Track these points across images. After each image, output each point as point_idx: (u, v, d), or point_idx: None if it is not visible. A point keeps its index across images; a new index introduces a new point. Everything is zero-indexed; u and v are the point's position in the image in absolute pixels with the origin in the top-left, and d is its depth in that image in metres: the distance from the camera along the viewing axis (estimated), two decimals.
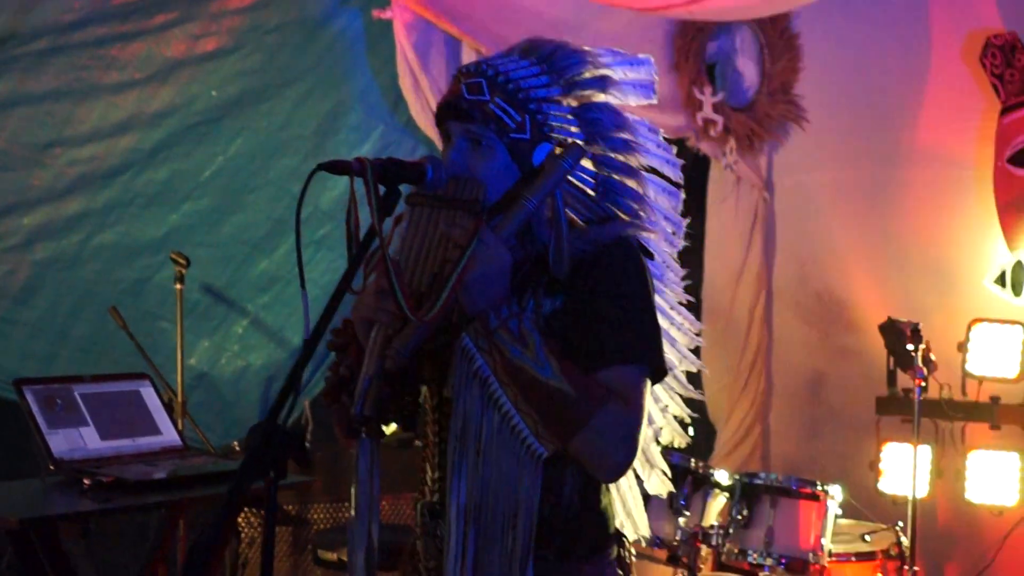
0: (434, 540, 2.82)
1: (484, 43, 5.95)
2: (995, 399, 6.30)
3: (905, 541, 5.68)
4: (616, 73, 2.87)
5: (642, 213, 2.86)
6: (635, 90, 2.91)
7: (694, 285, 3.10)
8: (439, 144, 2.91)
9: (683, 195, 3.00)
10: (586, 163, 2.82)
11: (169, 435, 5.03)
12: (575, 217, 2.78)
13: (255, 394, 6.61)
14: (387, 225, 2.60)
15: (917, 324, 5.68)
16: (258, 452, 2.38)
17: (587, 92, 2.84)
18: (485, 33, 5.96)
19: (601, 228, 2.77)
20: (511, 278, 2.65)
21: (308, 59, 6.19)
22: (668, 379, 2.96)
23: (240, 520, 6.11)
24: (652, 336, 2.75)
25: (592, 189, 2.83)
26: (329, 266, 6.40)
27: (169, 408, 5.31)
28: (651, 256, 2.86)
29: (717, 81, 7.29)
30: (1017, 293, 6.32)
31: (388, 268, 2.51)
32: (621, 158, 2.85)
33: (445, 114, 2.80)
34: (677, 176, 2.99)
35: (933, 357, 5.85)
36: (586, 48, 2.86)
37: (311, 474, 6.10)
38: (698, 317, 3.11)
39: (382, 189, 2.57)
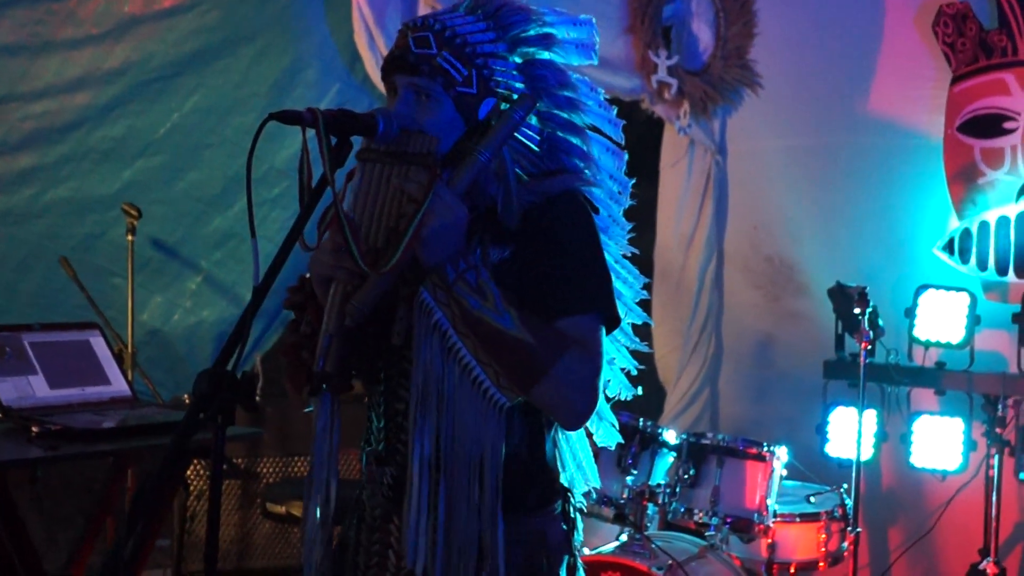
0: (381, 487, 2.86)
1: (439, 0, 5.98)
2: (941, 364, 6.36)
3: (849, 503, 5.75)
4: (559, 32, 2.91)
5: (587, 170, 2.90)
6: (577, 50, 2.94)
7: (646, 247, 3.15)
8: None
9: (627, 156, 3.03)
10: (532, 120, 2.85)
11: (118, 385, 5.04)
12: (521, 173, 2.82)
13: (207, 350, 6.61)
14: (340, 177, 2.63)
15: (864, 287, 5.74)
16: (206, 397, 2.41)
17: (531, 49, 2.87)
18: None
19: (550, 181, 2.81)
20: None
21: (265, 16, 6.17)
22: (615, 332, 3.01)
23: (189, 473, 6.13)
24: (604, 285, 2.81)
25: (537, 145, 2.87)
26: (283, 225, 6.40)
27: (119, 359, 5.32)
28: (596, 211, 2.89)
29: (672, 44, 7.30)
30: (965, 260, 6.38)
31: (343, 224, 2.54)
32: (565, 115, 2.89)
33: (391, 67, 2.81)
34: (618, 136, 3.02)
35: (881, 322, 5.92)
36: (530, 7, 2.89)
37: (259, 422, 6.14)
38: (650, 279, 3.15)
39: (334, 140, 2.61)
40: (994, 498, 5.99)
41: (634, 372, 3.15)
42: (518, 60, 2.86)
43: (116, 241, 6.05)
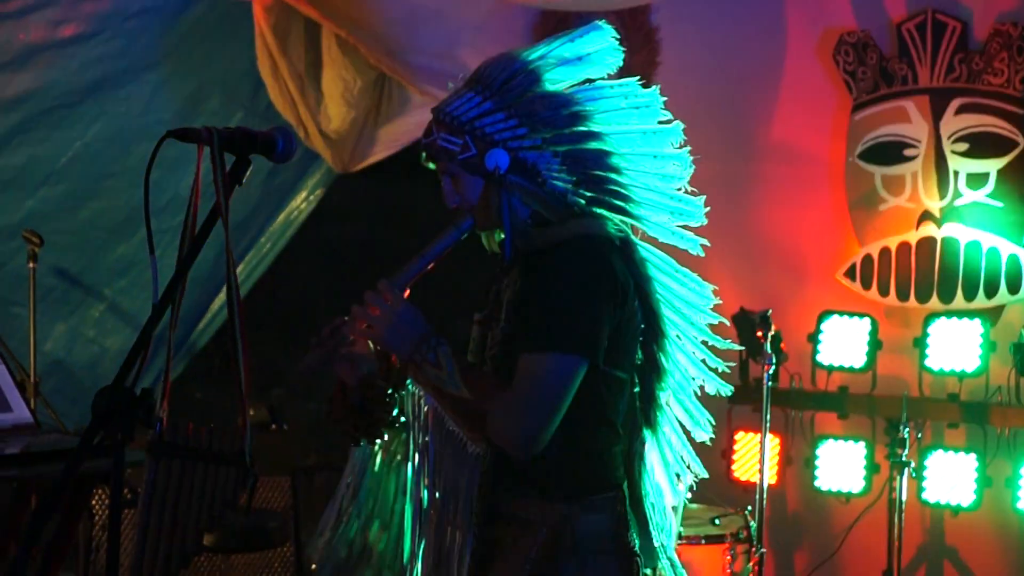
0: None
1: (343, 27, 5.94)
2: (843, 389, 6.41)
3: (754, 525, 5.77)
4: (546, 62, 3.10)
5: (617, 175, 3.19)
6: (584, 61, 3.19)
7: None
8: (299, 130, 3.05)
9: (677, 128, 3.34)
10: (548, 151, 3.05)
11: (21, 412, 4.96)
12: (544, 209, 3.07)
13: (112, 379, 6.54)
14: (247, 194, 2.64)
15: (767, 311, 5.77)
16: (105, 414, 2.39)
17: (521, 91, 3.06)
18: (343, 17, 5.94)
19: (560, 228, 3.06)
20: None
21: (167, 44, 6.16)
22: (692, 342, 3.46)
23: (94, 502, 6.05)
24: (565, 326, 2.98)
25: (564, 167, 3.07)
26: None
27: (22, 387, 5.26)
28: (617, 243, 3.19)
29: None
30: (867, 286, 6.43)
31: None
32: (574, 130, 3.08)
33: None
34: (653, 114, 3.28)
35: (784, 347, 5.96)
36: (513, 53, 3.11)
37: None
38: None
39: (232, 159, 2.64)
40: (896, 520, 6.03)
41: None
42: (514, 107, 3.06)
43: (17, 271, 5.98)
